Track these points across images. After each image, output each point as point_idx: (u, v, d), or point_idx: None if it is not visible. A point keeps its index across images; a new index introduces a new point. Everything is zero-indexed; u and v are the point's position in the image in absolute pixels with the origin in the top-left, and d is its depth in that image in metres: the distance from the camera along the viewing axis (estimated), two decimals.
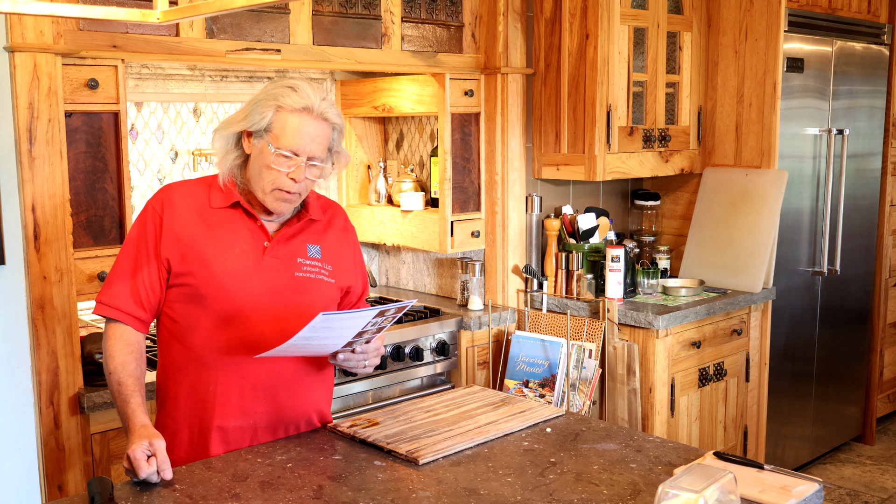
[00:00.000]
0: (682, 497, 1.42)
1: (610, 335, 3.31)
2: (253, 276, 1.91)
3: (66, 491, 2.42)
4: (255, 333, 1.90)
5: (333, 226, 2.08)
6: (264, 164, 1.87)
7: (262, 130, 1.87)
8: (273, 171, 1.87)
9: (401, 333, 3.11)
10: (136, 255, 1.91)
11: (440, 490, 1.69)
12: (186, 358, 1.92)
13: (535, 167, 3.59)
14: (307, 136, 1.86)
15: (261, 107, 1.88)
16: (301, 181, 1.88)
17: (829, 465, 4.31)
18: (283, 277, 1.94)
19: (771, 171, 3.67)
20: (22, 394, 2.39)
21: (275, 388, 1.95)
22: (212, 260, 1.90)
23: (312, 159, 1.88)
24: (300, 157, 1.86)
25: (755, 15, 3.67)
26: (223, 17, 2.70)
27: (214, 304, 1.89)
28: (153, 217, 1.92)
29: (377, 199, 3.75)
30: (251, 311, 1.90)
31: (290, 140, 1.86)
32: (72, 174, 2.45)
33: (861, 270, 4.44)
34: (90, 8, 1.82)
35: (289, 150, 1.86)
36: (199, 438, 1.93)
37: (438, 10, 3.29)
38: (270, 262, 1.94)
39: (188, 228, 1.91)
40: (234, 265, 1.91)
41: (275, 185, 1.88)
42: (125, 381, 1.85)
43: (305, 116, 1.87)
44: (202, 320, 1.90)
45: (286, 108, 1.86)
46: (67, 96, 2.41)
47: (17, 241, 2.36)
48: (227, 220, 1.94)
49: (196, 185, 1.99)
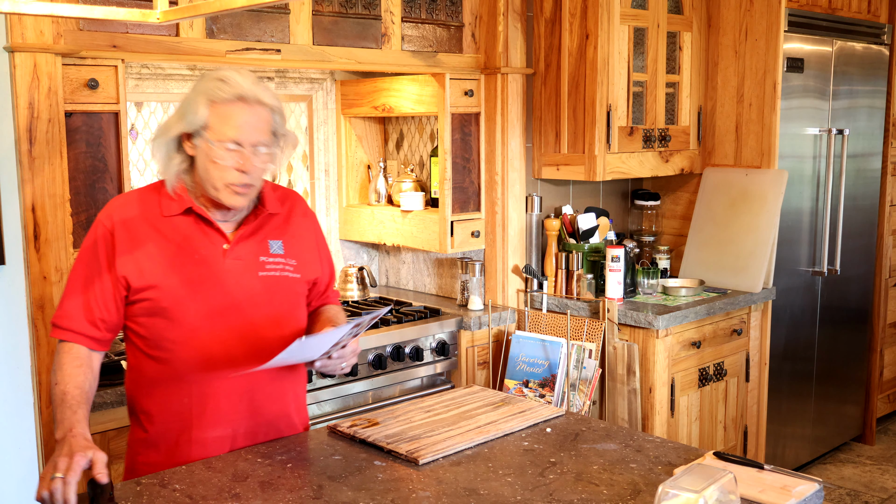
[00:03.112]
0: (682, 497, 1.42)
1: (610, 335, 3.31)
2: (216, 283, 1.87)
3: None
4: (226, 340, 1.87)
5: (293, 217, 2.03)
6: (210, 161, 1.82)
7: (199, 129, 1.82)
8: (220, 167, 1.82)
9: (401, 333, 3.11)
10: (88, 274, 1.86)
11: (440, 490, 1.69)
12: (158, 371, 1.88)
13: (535, 167, 3.59)
14: (247, 125, 1.81)
15: (193, 105, 1.82)
16: (251, 171, 1.83)
17: (829, 465, 4.31)
18: (247, 279, 1.90)
19: (771, 171, 3.67)
20: (22, 394, 2.39)
21: (251, 392, 1.92)
22: (171, 271, 1.85)
23: (258, 146, 1.83)
24: (245, 147, 1.82)
25: (755, 15, 3.67)
26: (223, 17, 2.70)
27: (180, 316, 1.84)
28: (104, 234, 1.86)
29: (377, 199, 3.75)
30: (218, 318, 1.86)
31: (231, 132, 1.80)
32: (72, 174, 2.45)
33: (861, 270, 4.44)
34: (90, 8, 1.82)
35: (231, 141, 1.81)
36: (177, 450, 1.89)
37: (438, 10, 3.29)
38: (232, 265, 1.89)
39: (143, 242, 1.86)
40: (195, 273, 1.86)
41: (225, 180, 1.82)
42: (72, 392, 1.78)
43: (240, 105, 1.81)
44: (170, 333, 1.85)
45: (219, 101, 1.81)
46: (67, 96, 2.41)
47: (17, 241, 2.36)
48: (181, 227, 1.88)
49: (145, 194, 1.92)
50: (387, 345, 3.08)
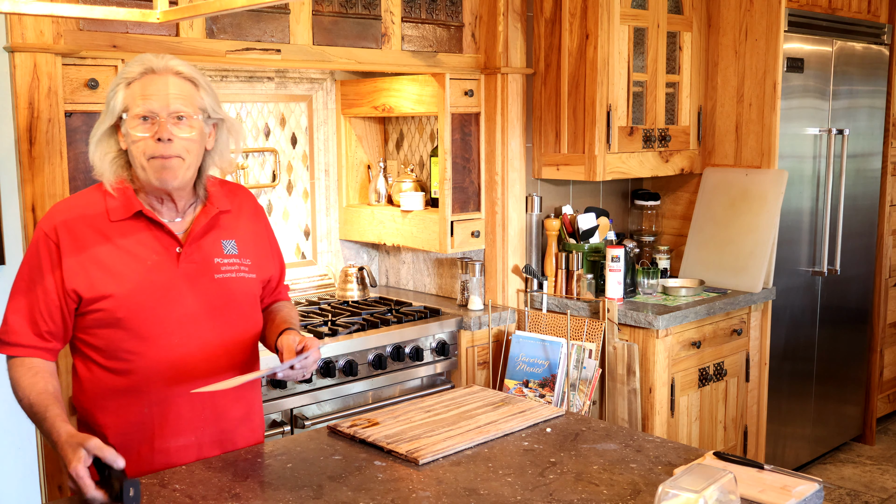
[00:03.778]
0: (682, 497, 1.42)
1: (610, 335, 3.31)
2: (171, 288, 1.82)
3: (66, 491, 2.42)
4: (185, 346, 1.83)
5: (243, 214, 1.99)
6: (131, 141, 1.77)
7: (121, 115, 1.78)
8: (138, 141, 1.76)
9: (400, 333, 3.11)
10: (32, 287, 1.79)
11: (440, 490, 1.69)
12: (114, 382, 1.81)
13: (535, 167, 3.59)
14: (157, 93, 1.76)
15: (113, 93, 1.80)
16: (170, 139, 1.76)
17: (829, 465, 4.31)
18: (203, 282, 1.85)
19: (771, 171, 3.67)
20: None
21: (214, 397, 1.86)
22: (124, 279, 1.78)
23: (176, 115, 1.77)
24: (159, 115, 1.75)
25: (755, 15, 3.67)
26: (223, 17, 2.70)
27: (136, 325, 1.79)
28: (47, 246, 1.79)
29: (377, 199, 3.75)
30: (176, 324, 1.81)
31: (142, 102, 1.76)
32: (72, 174, 2.45)
33: (861, 270, 4.44)
34: (90, 8, 1.82)
35: (144, 110, 1.75)
36: (139, 462, 1.83)
37: (438, 10, 3.29)
38: (187, 268, 1.84)
39: (91, 250, 1.79)
40: (149, 279, 1.80)
41: (147, 153, 1.76)
42: (36, 400, 1.73)
43: (150, 76, 1.78)
44: (126, 343, 1.79)
45: (131, 77, 1.78)
46: (67, 96, 2.41)
47: (17, 242, 2.36)
48: (130, 231, 1.82)
49: (88, 199, 1.85)
50: (387, 345, 3.08)
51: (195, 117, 1.80)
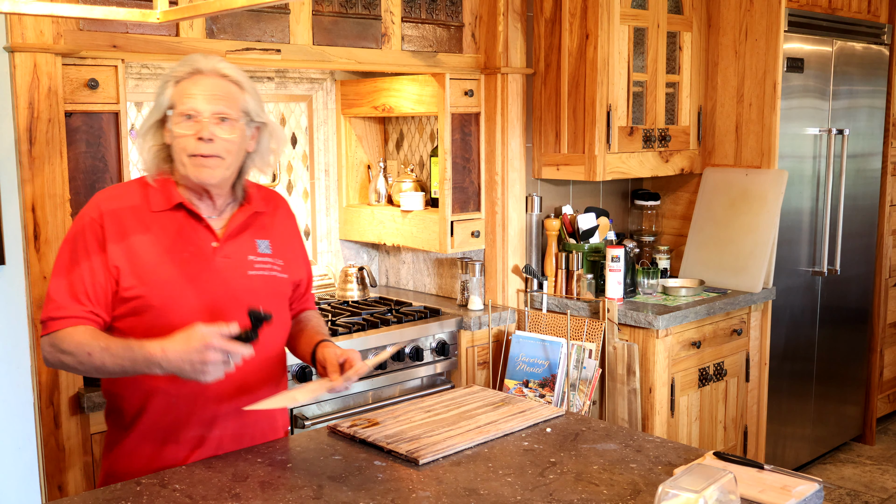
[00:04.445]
0: (682, 497, 1.42)
1: (610, 335, 3.31)
2: (205, 281, 1.85)
3: (66, 491, 2.42)
4: None
5: (278, 217, 2.03)
6: (174, 137, 1.82)
7: (167, 111, 1.83)
8: (180, 138, 1.81)
9: (400, 333, 3.11)
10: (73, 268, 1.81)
11: (440, 490, 1.69)
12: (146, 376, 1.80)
13: (535, 167, 3.59)
14: (202, 94, 1.82)
15: (161, 90, 1.86)
16: (212, 139, 1.80)
17: (829, 465, 4.31)
18: (236, 278, 1.88)
19: (771, 171, 3.67)
20: (22, 394, 2.39)
21: (239, 394, 1.89)
22: (160, 268, 1.82)
23: (219, 115, 1.82)
24: (202, 115, 1.80)
25: (755, 15, 3.67)
26: (223, 17, 2.70)
27: (169, 315, 1.81)
28: (91, 225, 1.83)
29: (377, 199, 3.75)
30: (207, 317, 1.81)
31: (188, 101, 1.81)
32: (72, 174, 2.45)
33: (861, 270, 4.44)
34: (90, 8, 1.82)
35: (188, 109, 1.81)
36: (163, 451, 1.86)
37: (438, 10, 3.29)
38: (221, 263, 1.88)
39: (132, 238, 1.83)
40: (184, 271, 1.84)
41: (188, 151, 1.81)
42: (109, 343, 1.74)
43: (197, 76, 1.84)
44: (156, 332, 1.78)
45: (179, 76, 1.84)
46: (67, 96, 2.41)
47: (17, 241, 2.36)
48: (169, 223, 1.86)
49: (130, 189, 1.90)
50: (387, 345, 3.08)
51: (238, 120, 1.85)
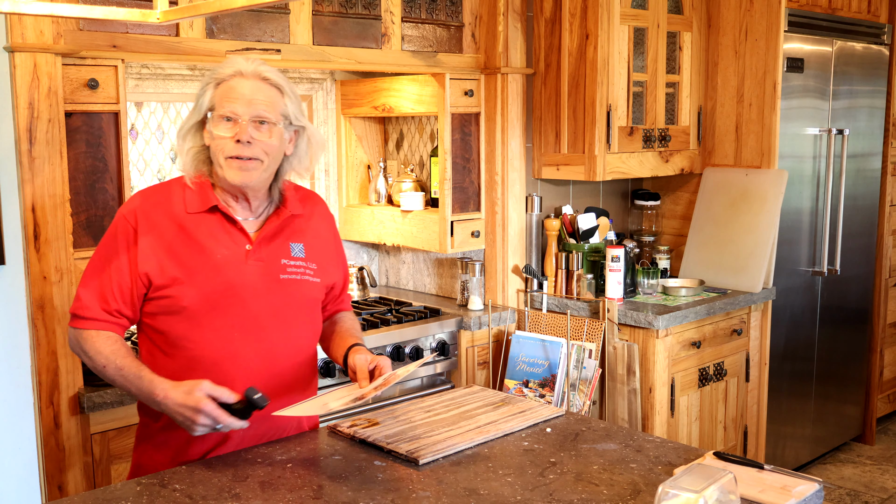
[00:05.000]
0: (682, 497, 1.42)
1: (610, 335, 3.31)
2: (237, 283, 1.86)
3: (66, 491, 2.42)
4: (244, 342, 1.87)
5: (314, 219, 2.03)
6: (213, 138, 1.84)
7: (208, 112, 1.85)
8: (219, 139, 1.83)
9: (401, 333, 3.11)
10: (106, 266, 1.85)
11: (440, 490, 1.69)
12: (174, 368, 1.86)
13: (535, 167, 3.59)
14: (242, 96, 1.83)
15: (203, 91, 1.88)
16: (250, 142, 1.82)
17: (829, 465, 4.31)
18: (268, 282, 1.90)
19: (771, 171, 3.67)
20: (22, 394, 2.39)
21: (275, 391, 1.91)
22: (192, 269, 1.84)
23: (258, 119, 1.83)
24: (241, 118, 1.82)
25: (755, 15, 3.67)
26: (223, 17, 2.70)
27: (199, 316, 1.84)
28: (125, 229, 1.86)
29: (377, 199, 3.75)
30: (237, 319, 1.86)
31: (228, 103, 1.83)
32: (72, 174, 2.45)
33: (861, 270, 4.44)
34: (90, 8, 1.82)
35: (228, 111, 1.82)
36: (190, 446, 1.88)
37: (438, 10, 3.29)
38: (254, 266, 1.89)
39: (166, 238, 1.85)
40: (217, 273, 1.85)
41: (225, 153, 1.83)
42: (124, 363, 1.81)
43: (238, 79, 1.85)
44: (187, 332, 1.85)
45: (220, 78, 1.86)
46: (67, 96, 2.41)
47: (17, 241, 2.36)
48: (204, 224, 1.88)
49: (168, 189, 1.92)
50: (387, 345, 3.08)
51: (276, 123, 1.86)
